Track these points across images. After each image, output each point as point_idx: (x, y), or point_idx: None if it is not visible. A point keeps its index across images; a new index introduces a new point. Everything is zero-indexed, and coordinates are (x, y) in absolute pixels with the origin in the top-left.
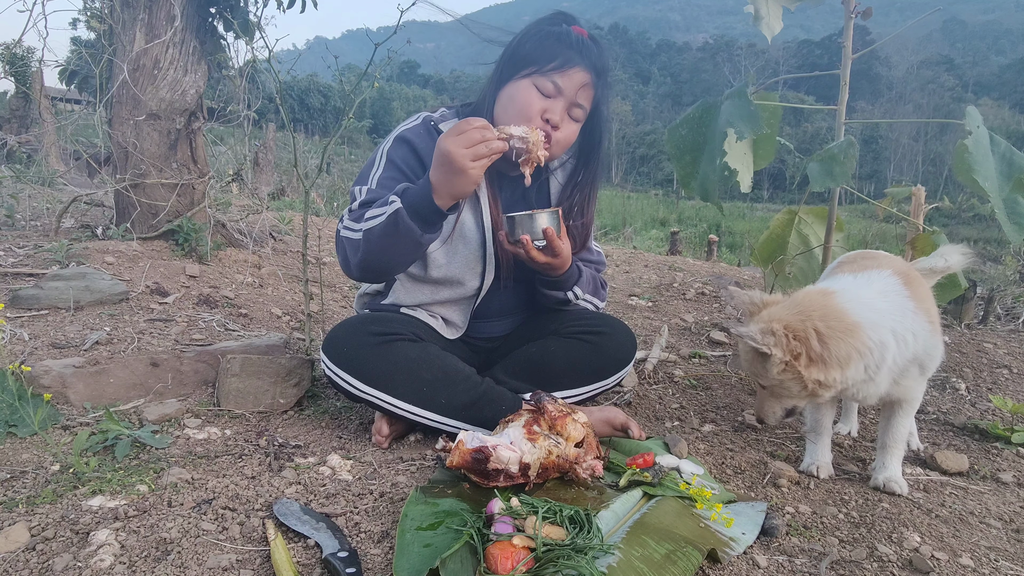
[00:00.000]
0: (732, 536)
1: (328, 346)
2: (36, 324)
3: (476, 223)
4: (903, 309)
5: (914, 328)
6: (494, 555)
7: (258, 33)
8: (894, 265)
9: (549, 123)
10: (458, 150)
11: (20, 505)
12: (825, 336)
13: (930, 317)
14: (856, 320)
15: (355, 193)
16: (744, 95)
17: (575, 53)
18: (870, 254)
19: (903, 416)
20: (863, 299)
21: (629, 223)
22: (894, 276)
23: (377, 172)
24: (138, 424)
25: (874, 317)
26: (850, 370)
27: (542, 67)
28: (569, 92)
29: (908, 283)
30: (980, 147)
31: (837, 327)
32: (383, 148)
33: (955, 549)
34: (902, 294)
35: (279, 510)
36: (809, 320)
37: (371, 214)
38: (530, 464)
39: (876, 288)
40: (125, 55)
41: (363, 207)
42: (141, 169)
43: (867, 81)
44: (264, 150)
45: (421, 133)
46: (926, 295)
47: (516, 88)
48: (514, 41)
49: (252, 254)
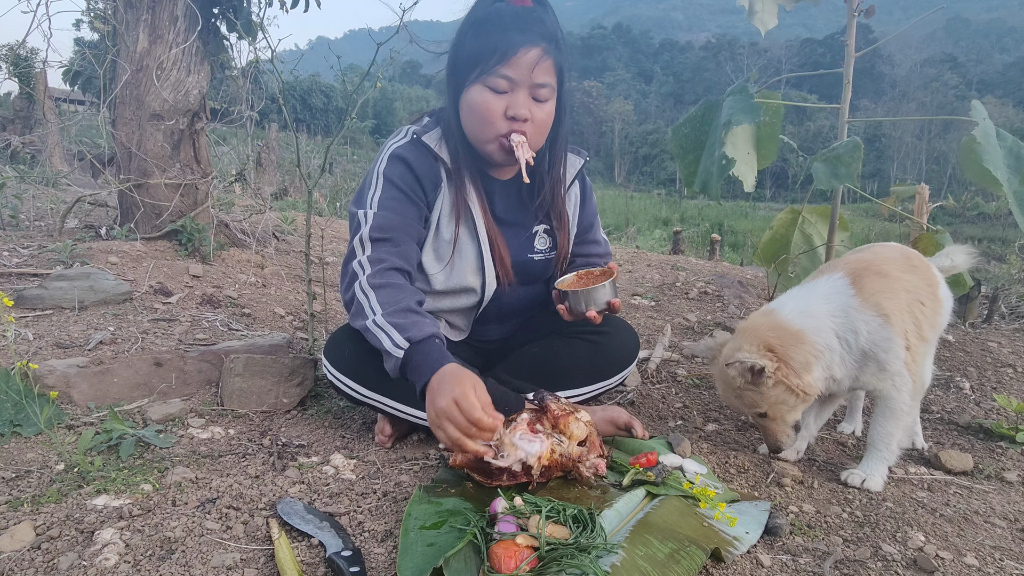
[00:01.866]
0: (736, 535)
1: (329, 350)
2: (40, 324)
3: (471, 236)
4: (845, 308)
5: (857, 325)
6: (497, 554)
7: (261, 33)
8: (850, 264)
9: (516, 119)
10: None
11: (25, 504)
12: (780, 348)
13: (881, 310)
14: (798, 328)
15: (359, 218)
16: (745, 91)
17: (515, 32)
18: (864, 249)
19: (885, 414)
20: (801, 308)
21: (632, 223)
22: (843, 277)
23: (375, 194)
24: (142, 423)
25: (812, 323)
26: (814, 372)
27: (486, 65)
28: (523, 78)
29: (857, 280)
30: (988, 138)
31: (786, 338)
32: (378, 168)
33: (960, 548)
34: (846, 293)
35: (283, 509)
36: (763, 339)
37: (381, 322)
38: (533, 463)
39: (819, 293)
40: (128, 56)
41: (376, 244)
42: (144, 169)
43: (870, 79)
44: (267, 150)
45: (412, 150)
46: (880, 289)
47: (470, 96)
48: (454, 43)
49: (255, 254)
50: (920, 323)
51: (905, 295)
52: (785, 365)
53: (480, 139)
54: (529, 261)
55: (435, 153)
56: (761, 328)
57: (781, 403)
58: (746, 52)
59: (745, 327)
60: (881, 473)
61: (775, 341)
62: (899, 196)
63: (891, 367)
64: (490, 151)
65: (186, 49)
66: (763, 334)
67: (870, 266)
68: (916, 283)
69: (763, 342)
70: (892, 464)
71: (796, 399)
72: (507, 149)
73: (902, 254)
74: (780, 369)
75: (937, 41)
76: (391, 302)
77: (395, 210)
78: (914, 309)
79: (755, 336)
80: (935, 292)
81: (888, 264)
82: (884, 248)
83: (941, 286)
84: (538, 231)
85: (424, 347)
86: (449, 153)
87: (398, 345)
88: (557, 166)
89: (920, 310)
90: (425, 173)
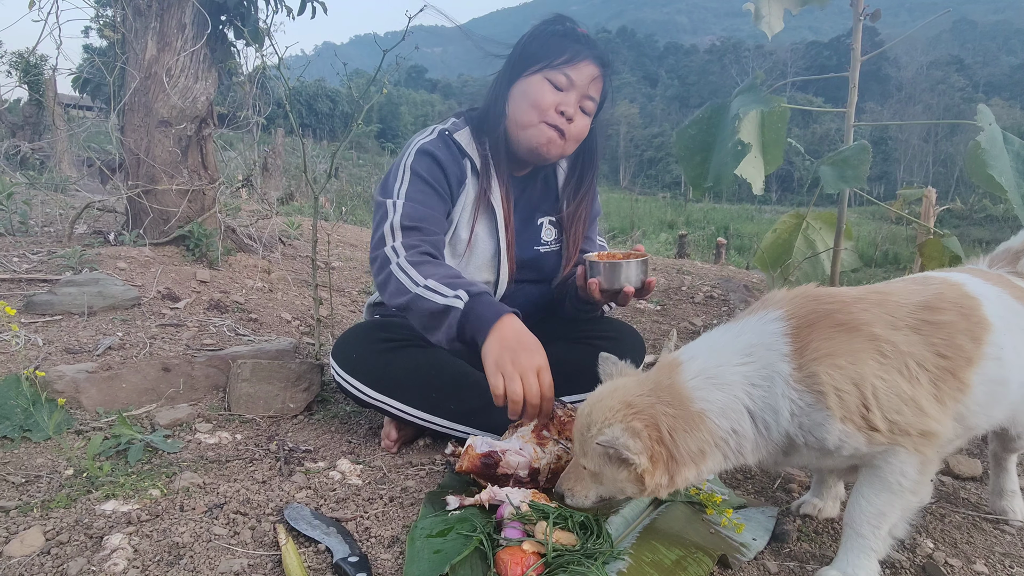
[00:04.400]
0: (743, 542)
1: (337, 352)
2: (50, 329)
3: (490, 233)
4: (770, 376)
5: (780, 404)
6: (504, 560)
7: (268, 40)
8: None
9: (564, 115)
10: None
11: (35, 509)
12: (672, 430)
13: (815, 384)
14: (699, 408)
15: (387, 207)
16: (755, 89)
17: (583, 47)
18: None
19: (874, 485)
20: (712, 370)
21: (637, 226)
22: (779, 322)
23: (402, 185)
24: (150, 429)
25: (721, 398)
26: (706, 464)
27: (552, 61)
28: (581, 84)
29: (800, 330)
30: (994, 144)
31: (681, 417)
32: (404, 162)
33: (969, 555)
34: (777, 351)
35: (290, 515)
36: (660, 406)
37: (433, 284)
38: (540, 469)
39: (740, 345)
40: (137, 63)
41: (407, 232)
42: (153, 175)
43: (876, 82)
44: (273, 155)
45: (440, 146)
46: (829, 352)
47: (528, 84)
48: (521, 41)
49: (262, 259)
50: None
51: (878, 362)
52: (666, 457)
53: (524, 123)
54: (536, 254)
55: (464, 150)
56: (653, 396)
57: (612, 483)
58: (751, 55)
59: (634, 389)
60: (866, 570)
61: (666, 421)
62: (906, 199)
63: (847, 452)
64: (530, 135)
65: (194, 56)
66: (654, 409)
67: (831, 312)
68: (917, 346)
69: (651, 421)
70: (882, 556)
71: (636, 491)
72: (546, 136)
73: (924, 300)
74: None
75: (943, 43)
76: (435, 272)
77: (423, 202)
78: (897, 381)
79: (643, 411)
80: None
81: (871, 311)
82: (898, 284)
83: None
84: (543, 223)
85: (485, 298)
86: (479, 149)
87: (457, 296)
88: (581, 177)
89: (909, 382)
90: (451, 169)
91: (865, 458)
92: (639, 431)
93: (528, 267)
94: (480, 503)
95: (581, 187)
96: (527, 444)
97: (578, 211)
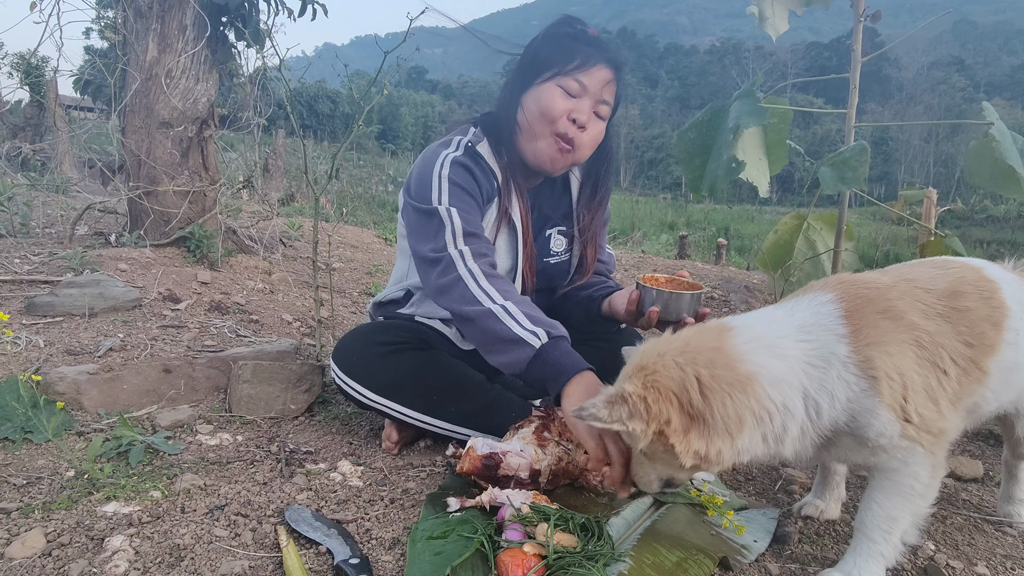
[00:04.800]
0: (744, 544)
1: (338, 355)
2: (51, 331)
3: (510, 247)
4: (827, 357)
5: (836, 388)
6: (505, 562)
7: (268, 41)
8: (848, 287)
9: (576, 123)
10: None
11: (36, 511)
12: (707, 387)
13: (870, 370)
14: (748, 371)
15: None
16: (752, 95)
17: (595, 50)
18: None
19: (886, 489)
20: (771, 339)
21: (638, 227)
22: (832, 304)
23: (445, 195)
24: (151, 430)
25: (779, 368)
26: (742, 439)
27: (564, 67)
28: (594, 90)
29: (852, 314)
30: (1005, 136)
31: (724, 378)
32: (440, 172)
33: (970, 557)
34: (835, 332)
35: (291, 516)
36: (692, 366)
37: (511, 308)
38: (541, 470)
39: (797, 322)
40: (138, 64)
41: (469, 238)
42: (154, 177)
43: (877, 83)
44: (274, 156)
45: (469, 163)
46: (887, 331)
47: (540, 91)
48: (532, 46)
49: (263, 260)
50: (935, 393)
51: (916, 354)
52: (689, 417)
53: (535, 133)
54: (545, 265)
55: (489, 165)
56: (698, 352)
57: (659, 457)
58: (751, 56)
59: (685, 340)
60: (871, 573)
61: (706, 376)
62: (907, 200)
63: (877, 444)
64: (540, 147)
65: (195, 57)
66: (681, 370)
67: (875, 299)
68: (948, 336)
69: (668, 382)
70: (891, 564)
71: (682, 466)
72: (558, 148)
73: (949, 286)
74: (665, 428)
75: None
76: (510, 292)
77: (471, 212)
78: (928, 376)
79: (657, 371)
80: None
81: (906, 299)
82: (919, 269)
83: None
84: (551, 233)
85: (563, 344)
86: (499, 163)
87: (535, 335)
88: (596, 185)
89: (938, 378)
90: (484, 184)
91: (883, 459)
92: (628, 397)
93: (537, 276)
94: (481, 505)
95: (597, 193)
96: (528, 446)
97: (594, 218)
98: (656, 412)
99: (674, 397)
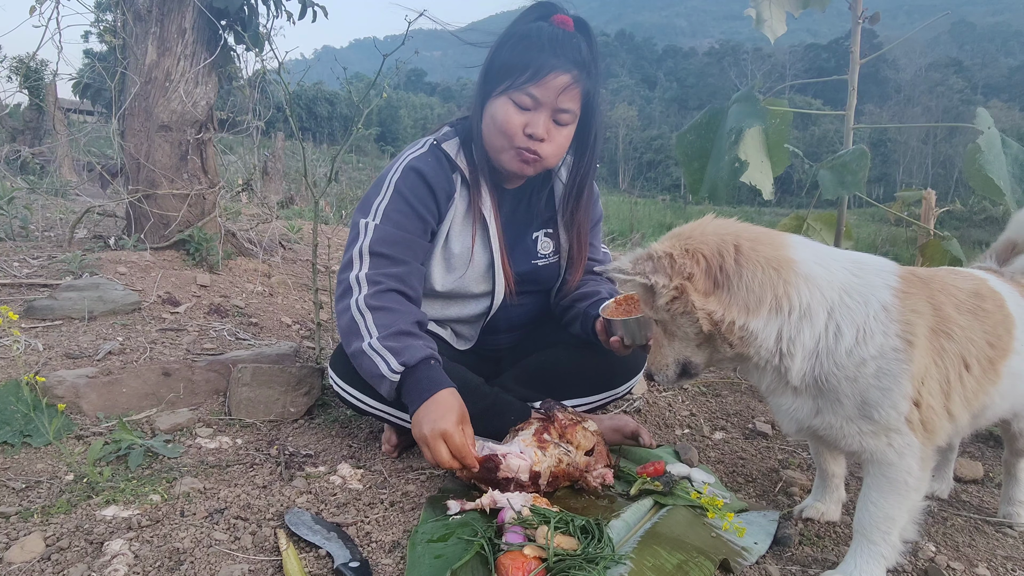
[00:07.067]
0: (744, 546)
1: (335, 362)
2: (50, 334)
3: (484, 244)
4: (866, 296)
5: (868, 324)
6: (505, 565)
7: (267, 44)
8: (908, 269)
9: (533, 138)
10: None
11: (35, 515)
12: (744, 256)
13: (909, 334)
14: (791, 256)
15: (360, 228)
16: (752, 97)
17: (549, 56)
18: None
19: (881, 487)
20: (824, 255)
21: (637, 229)
22: (894, 273)
23: (383, 203)
24: (150, 434)
25: (820, 272)
26: (758, 319)
27: (515, 80)
28: (548, 100)
29: (910, 288)
30: (992, 147)
31: (764, 253)
32: (390, 177)
33: (971, 559)
34: (885, 283)
35: (291, 520)
36: (731, 236)
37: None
38: (540, 473)
39: (854, 258)
40: (138, 68)
41: (375, 259)
42: (153, 180)
43: (875, 84)
44: (273, 159)
45: (430, 161)
46: (932, 315)
47: (495, 107)
48: (491, 51)
49: (262, 263)
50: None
51: (942, 345)
52: (712, 280)
53: (496, 147)
54: (534, 268)
55: (453, 161)
56: (744, 230)
57: (676, 325)
58: (750, 57)
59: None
60: (871, 575)
61: (746, 246)
62: (905, 201)
63: (883, 422)
64: (504, 160)
65: (194, 61)
66: (720, 238)
67: (927, 283)
68: (976, 332)
69: (701, 247)
70: (892, 564)
71: (697, 332)
72: (521, 160)
73: (973, 287)
74: (687, 283)
75: (942, 45)
76: (387, 324)
77: (399, 224)
78: (947, 365)
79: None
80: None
81: (943, 294)
82: (940, 271)
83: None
84: (538, 236)
85: (418, 371)
86: (467, 160)
87: (394, 370)
88: (581, 185)
89: (959, 374)
90: (439, 184)
91: (872, 444)
92: (654, 254)
93: (526, 280)
94: (481, 507)
95: (583, 193)
96: (528, 448)
97: (577, 217)
98: (680, 266)
99: (703, 259)
